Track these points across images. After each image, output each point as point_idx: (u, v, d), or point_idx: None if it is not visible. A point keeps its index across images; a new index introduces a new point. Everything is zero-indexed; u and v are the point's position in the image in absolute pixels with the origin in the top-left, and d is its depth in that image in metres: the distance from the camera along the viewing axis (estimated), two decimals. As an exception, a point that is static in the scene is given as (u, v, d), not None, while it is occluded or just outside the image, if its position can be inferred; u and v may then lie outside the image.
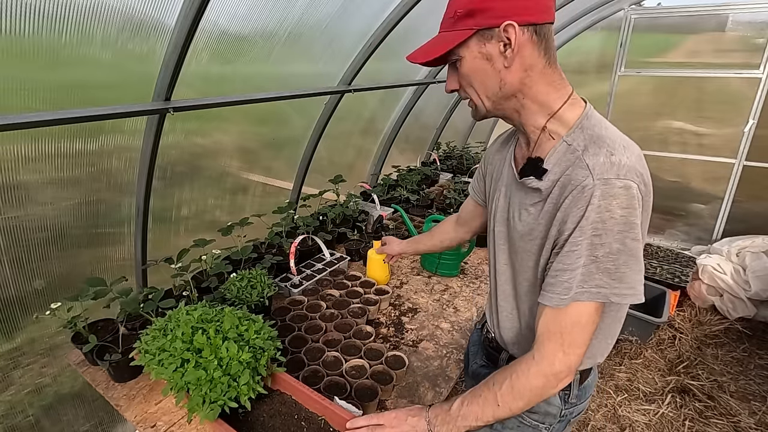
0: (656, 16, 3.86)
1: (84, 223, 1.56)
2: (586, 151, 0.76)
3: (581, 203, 0.73)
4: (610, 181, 0.71)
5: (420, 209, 2.75)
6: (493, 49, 0.79)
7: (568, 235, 0.75)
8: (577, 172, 0.75)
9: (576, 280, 0.75)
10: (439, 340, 1.55)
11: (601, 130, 0.80)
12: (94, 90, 1.39)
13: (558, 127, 0.83)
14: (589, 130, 0.80)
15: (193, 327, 1.12)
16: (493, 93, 0.83)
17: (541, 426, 1.02)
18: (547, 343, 0.80)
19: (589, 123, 0.81)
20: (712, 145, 3.88)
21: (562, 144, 0.81)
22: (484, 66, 0.81)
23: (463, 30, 0.79)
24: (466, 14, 0.78)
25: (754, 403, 2.50)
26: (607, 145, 0.76)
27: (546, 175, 0.82)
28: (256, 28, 1.68)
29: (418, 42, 0.87)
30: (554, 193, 0.80)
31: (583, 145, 0.78)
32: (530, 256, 0.89)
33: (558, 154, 0.81)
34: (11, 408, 1.49)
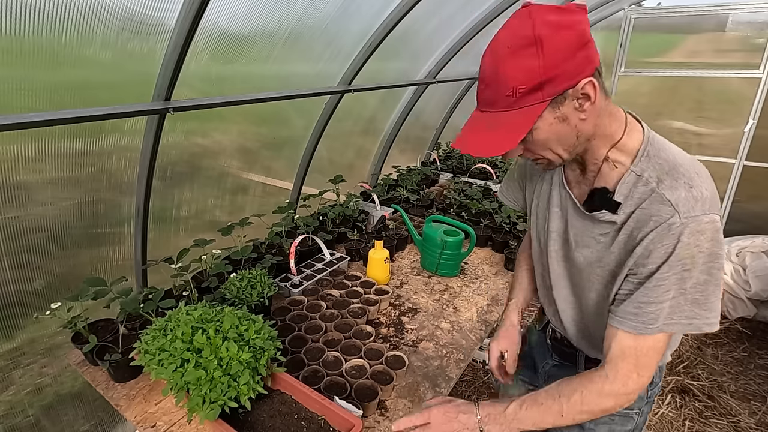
0: (656, 16, 3.87)
1: (84, 223, 1.56)
2: (661, 183, 0.76)
3: (668, 241, 0.74)
4: (697, 218, 0.72)
5: (420, 209, 2.75)
6: (568, 109, 0.76)
7: (653, 269, 0.76)
8: (658, 208, 0.75)
9: (664, 312, 0.77)
10: (439, 340, 1.55)
11: (668, 155, 0.80)
12: (94, 90, 1.39)
13: (620, 155, 0.83)
14: (656, 159, 0.79)
15: (193, 327, 1.12)
16: (570, 145, 0.81)
17: (632, 412, 1.05)
18: (622, 364, 0.81)
19: (654, 149, 0.81)
20: (712, 145, 3.89)
21: (630, 174, 0.81)
22: (559, 128, 0.78)
23: (534, 105, 0.74)
24: (533, 89, 0.72)
25: (754, 403, 2.50)
26: (683, 175, 0.76)
27: (620, 209, 0.82)
28: (256, 28, 1.68)
29: (419, 42, 0.85)
30: (629, 224, 0.80)
31: (656, 176, 0.78)
32: (598, 279, 0.91)
33: (627, 185, 0.81)
34: (11, 408, 1.49)
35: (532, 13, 0.72)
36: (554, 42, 0.70)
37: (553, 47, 0.70)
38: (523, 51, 0.71)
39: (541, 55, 0.70)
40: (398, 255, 2.22)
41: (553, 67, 0.70)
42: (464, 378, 2.72)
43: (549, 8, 0.72)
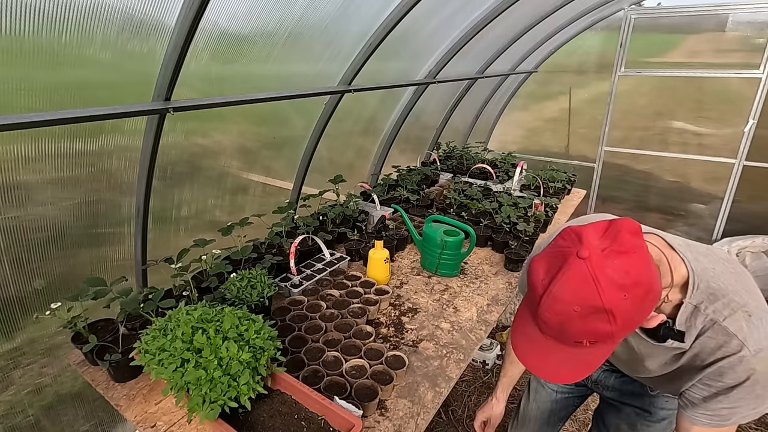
0: (656, 16, 3.87)
1: (84, 223, 1.56)
2: (719, 313, 0.83)
3: (741, 370, 0.81)
4: (764, 347, 0.80)
5: (420, 209, 2.75)
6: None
7: (726, 388, 0.83)
8: (725, 340, 0.82)
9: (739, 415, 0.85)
10: (439, 340, 1.55)
11: (716, 283, 0.86)
12: (94, 90, 1.39)
13: (675, 292, 0.88)
14: (707, 289, 0.85)
15: (193, 327, 1.12)
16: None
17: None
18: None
19: (700, 280, 0.86)
20: (712, 145, 3.89)
21: (687, 306, 0.86)
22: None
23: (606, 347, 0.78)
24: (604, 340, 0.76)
25: (754, 403, 2.50)
26: (737, 303, 0.83)
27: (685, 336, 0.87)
28: (256, 28, 1.68)
29: (419, 42, 0.84)
30: (694, 349, 0.87)
31: (713, 308, 0.84)
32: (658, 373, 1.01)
33: (686, 315, 0.86)
34: (11, 408, 1.49)
35: (595, 272, 0.71)
36: (624, 307, 0.72)
37: (624, 312, 0.72)
38: (594, 317, 0.73)
39: (614, 321, 0.72)
40: (398, 255, 2.22)
41: (625, 325, 0.74)
42: (464, 378, 2.72)
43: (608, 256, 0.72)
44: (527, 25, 3.29)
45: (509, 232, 2.31)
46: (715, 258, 0.90)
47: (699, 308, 0.84)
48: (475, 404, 2.52)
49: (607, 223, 0.77)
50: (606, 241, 0.74)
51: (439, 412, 2.39)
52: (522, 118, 4.96)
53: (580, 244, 0.74)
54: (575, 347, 0.78)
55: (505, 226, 2.34)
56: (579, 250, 0.73)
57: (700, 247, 0.94)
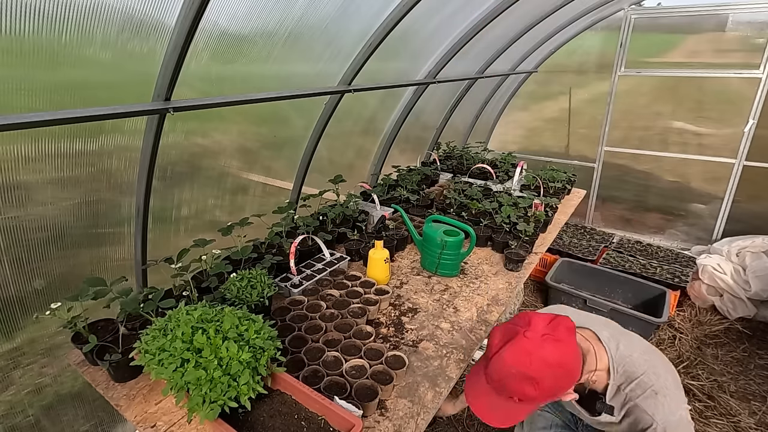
0: (656, 16, 3.87)
1: (84, 223, 1.55)
2: (633, 392, 1.12)
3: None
4: (670, 420, 1.06)
5: (420, 209, 2.75)
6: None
7: None
8: (642, 417, 1.10)
9: None
10: (439, 340, 1.55)
11: (631, 367, 1.15)
12: (94, 90, 1.39)
13: (599, 373, 1.17)
14: (625, 373, 1.15)
15: (193, 327, 1.12)
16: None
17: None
18: None
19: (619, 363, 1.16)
20: (712, 145, 3.89)
21: (612, 386, 1.16)
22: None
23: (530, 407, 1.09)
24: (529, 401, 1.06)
25: (754, 403, 2.50)
26: (646, 384, 1.11)
27: (615, 410, 1.15)
28: (256, 28, 1.68)
29: (419, 42, 0.85)
30: (628, 419, 1.14)
31: (629, 388, 1.13)
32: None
33: (611, 393, 1.17)
34: (11, 408, 1.49)
35: (532, 350, 1.02)
36: (548, 381, 1.01)
37: (547, 383, 1.02)
38: (523, 381, 1.02)
39: (537, 386, 1.02)
40: (398, 255, 2.22)
41: (545, 393, 1.03)
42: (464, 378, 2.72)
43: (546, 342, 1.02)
44: (527, 25, 3.29)
45: (509, 232, 2.31)
46: (633, 345, 1.20)
47: (620, 388, 1.14)
48: (475, 404, 2.52)
49: (552, 316, 1.08)
50: (547, 329, 1.04)
51: (439, 412, 2.39)
52: (522, 118, 4.96)
53: (528, 327, 1.05)
54: (507, 401, 1.06)
55: (505, 226, 2.34)
56: (526, 331, 1.04)
57: (622, 337, 1.22)
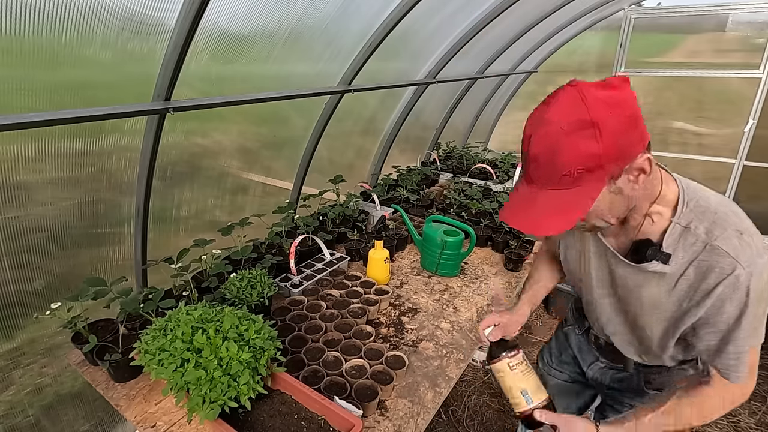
0: (656, 16, 3.87)
1: (84, 223, 1.55)
2: (711, 234, 0.81)
3: (740, 292, 0.79)
4: (757, 264, 0.78)
5: (420, 209, 2.75)
6: (623, 183, 0.77)
7: (733, 320, 0.82)
8: (718, 260, 0.80)
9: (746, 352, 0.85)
10: (439, 340, 1.55)
11: (706, 202, 0.84)
12: (94, 90, 1.39)
13: (660, 208, 0.87)
14: (697, 208, 0.84)
15: (193, 327, 1.12)
16: (623, 213, 0.84)
17: None
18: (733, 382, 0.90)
19: (691, 198, 0.85)
20: (712, 145, 3.89)
21: (675, 227, 0.85)
22: (614, 200, 0.80)
23: (593, 184, 0.75)
24: (593, 169, 0.73)
25: (754, 403, 2.50)
26: (727, 222, 0.81)
27: (671, 260, 0.85)
28: (256, 28, 1.68)
29: (419, 42, 0.85)
30: (688, 275, 0.84)
31: (703, 227, 0.82)
32: (656, 322, 0.96)
33: (674, 236, 0.85)
34: (11, 408, 1.49)
35: (583, 92, 0.72)
36: (611, 123, 0.71)
37: (611, 128, 0.71)
38: (580, 133, 0.71)
39: (600, 137, 0.71)
40: (398, 255, 2.22)
41: (614, 149, 0.72)
42: (464, 378, 2.72)
43: (596, 85, 0.74)
44: (527, 25, 3.28)
45: (509, 232, 2.31)
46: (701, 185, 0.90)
47: (689, 228, 0.83)
48: (475, 404, 2.52)
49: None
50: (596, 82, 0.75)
51: (439, 412, 2.39)
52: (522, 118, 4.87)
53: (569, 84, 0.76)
54: (560, 188, 0.76)
55: (505, 226, 2.34)
56: (569, 84, 0.76)
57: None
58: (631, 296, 0.98)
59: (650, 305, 0.93)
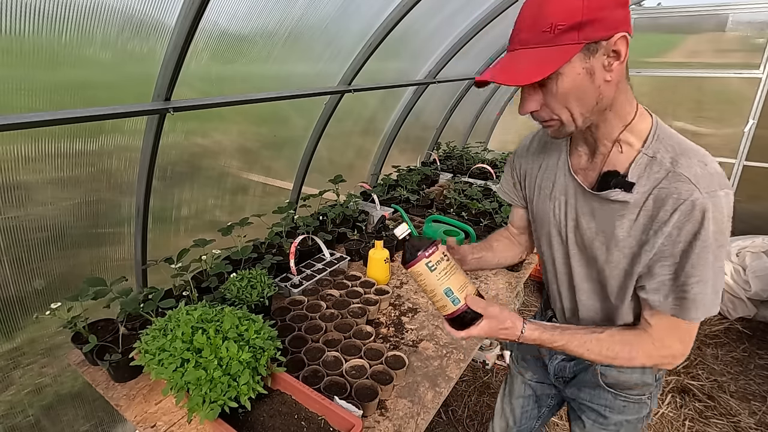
0: (656, 16, 3.87)
1: (84, 223, 1.56)
2: (676, 163, 0.79)
3: (695, 218, 0.76)
4: (717, 193, 0.75)
5: (420, 209, 2.75)
6: (597, 63, 0.74)
7: (687, 249, 0.78)
8: (677, 186, 0.77)
9: (709, 290, 0.79)
10: (439, 340, 1.55)
11: (678, 139, 0.83)
12: (94, 90, 1.39)
13: (631, 137, 0.85)
14: (667, 140, 0.82)
15: (193, 327, 1.12)
16: (589, 109, 0.80)
17: (643, 397, 1.09)
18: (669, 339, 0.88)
19: (663, 133, 0.84)
20: (712, 145, 3.88)
21: (642, 156, 0.83)
22: (584, 82, 0.76)
23: (569, 45, 0.72)
24: (572, 27, 0.71)
25: (754, 403, 2.50)
26: (695, 154, 0.79)
27: (634, 188, 0.82)
28: (256, 28, 1.68)
29: (419, 42, 0.84)
30: (647, 206, 0.81)
31: (669, 157, 0.80)
32: (616, 264, 0.91)
33: (640, 166, 0.83)
34: (11, 408, 1.49)
35: None
36: None
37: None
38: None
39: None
40: (398, 255, 2.22)
41: (595, 9, 0.71)
42: (464, 378, 2.72)
43: None
44: (527, 25, 3.28)
45: (509, 232, 2.31)
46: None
47: (656, 158, 0.81)
48: (475, 404, 2.52)
49: None
50: None
51: (439, 412, 2.39)
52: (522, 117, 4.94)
53: None
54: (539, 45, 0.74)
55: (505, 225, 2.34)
56: None
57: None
58: (595, 241, 0.93)
59: (614, 244, 0.89)
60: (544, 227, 1.08)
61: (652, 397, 1.11)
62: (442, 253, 0.94)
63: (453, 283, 0.92)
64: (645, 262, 0.85)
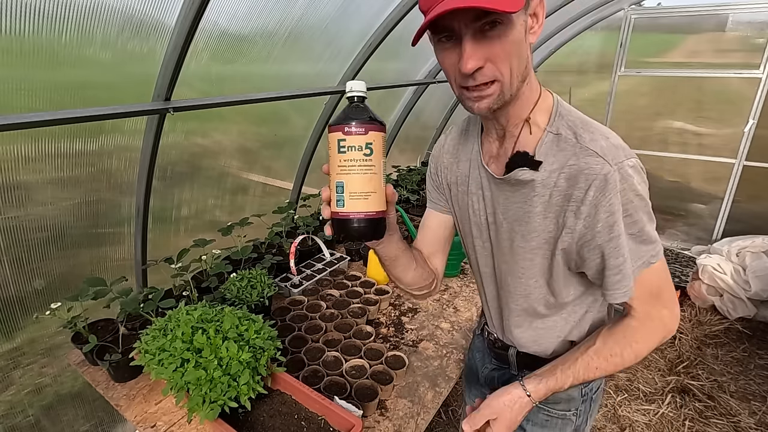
0: (656, 16, 3.87)
1: (84, 223, 1.55)
2: (580, 137, 0.76)
3: (610, 192, 0.72)
4: (624, 163, 0.73)
5: (420, 209, 2.75)
6: (527, 19, 0.71)
7: (609, 227, 0.74)
8: (587, 161, 0.74)
9: (627, 261, 0.76)
10: (439, 340, 1.55)
11: (578, 114, 0.81)
12: (94, 90, 1.39)
13: (538, 117, 0.81)
14: (568, 116, 0.80)
15: (193, 327, 1.12)
16: (522, 70, 0.74)
17: (569, 413, 1.02)
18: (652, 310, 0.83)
19: (564, 110, 0.81)
20: (712, 145, 3.88)
21: (547, 135, 0.79)
22: (522, 38, 0.70)
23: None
24: None
25: (754, 403, 2.50)
26: (597, 129, 0.77)
27: (541, 167, 0.78)
28: (256, 28, 1.68)
29: (419, 42, 0.82)
30: (560, 185, 0.77)
31: (572, 132, 0.77)
32: (537, 252, 0.85)
33: (547, 145, 0.79)
34: (11, 408, 1.49)
35: None
36: None
37: None
38: None
39: None
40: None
41: None
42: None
43: None
44: (527, 25, 3.28)
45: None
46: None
47: (560, 134, 0.78)
48: (475, 404, 2.52)
49: None
50: None
51: (439, 412, 2.39)
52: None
53: None
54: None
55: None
56: None
57: None
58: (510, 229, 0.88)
59: (529, 230, 0.84)
60: (465, 227, 1.01)
61: (579, 415, 1.02)
62: (366, 142, 0.70)
63: (349, 183, 0.70)
64: (568, 243, 0.80)
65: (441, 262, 1.11)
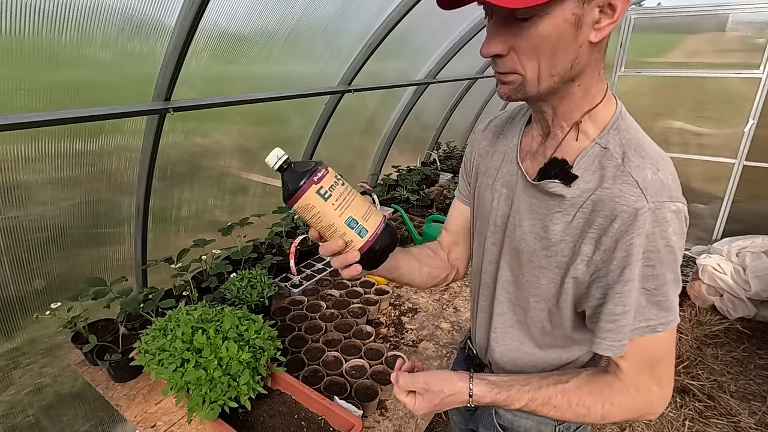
0: (656, 16, 3.86)
1: (84, 223, 1.56)
2: (627, 160, 0.66)
3: (634, 231, 0.63)
4: (664, 205, 0.63)
5: (420, 209, 2.75)
6: (588, 13, 0.60)
7: (620, 269, 0.66)
8: (622, 189, 0.65)
9: (628, 320, 0.67)
10: (439, 340, 1.55)
11: (638, 134, 0.71)
12: (94, 90, 1.39)
13: (590, 126, 0.71)
14: (625, 133, 0.70)
15: (193, 327, 1.12)
16: (561, 70, 0.64)
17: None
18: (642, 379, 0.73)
19: (624, 124, 0.71)
20: (712, 145, 3.88)
21: (594, 147, 0.70)
22: (568, 33, 0.60)
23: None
24: None
25: (754, 403, 2.50)
26: (650, 156, 0.67)
27: (575, 183, 0.69)
28: (256, 28, 1.68)
29: (419, 42, 0.81)
30: (587, 207, 0.68)
31: (621, 151, 0.68)
32: (545, 274, 0.77)
33: (590, 158, 0.69)
34: (11, 408, 1.49)
35: None
36: None
37: None
38: None
39: None
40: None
41: None
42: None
43: None
44: (527, 25, 3.28)
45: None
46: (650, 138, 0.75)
47: (608, 151, 0.68)
48: (475, 404, 2.52)
49: None
50: None
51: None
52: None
53: None
54: None
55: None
56: None
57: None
58: (523, 239, 0.79)
59: (541, 246, 0.75)
60: (479, 223, 0.93)
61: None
62: (334, 175, 0.73)
63: (355, 210, 0.71)
64: (578, 274, 0.72)
65: (463, 251, 1.04)
